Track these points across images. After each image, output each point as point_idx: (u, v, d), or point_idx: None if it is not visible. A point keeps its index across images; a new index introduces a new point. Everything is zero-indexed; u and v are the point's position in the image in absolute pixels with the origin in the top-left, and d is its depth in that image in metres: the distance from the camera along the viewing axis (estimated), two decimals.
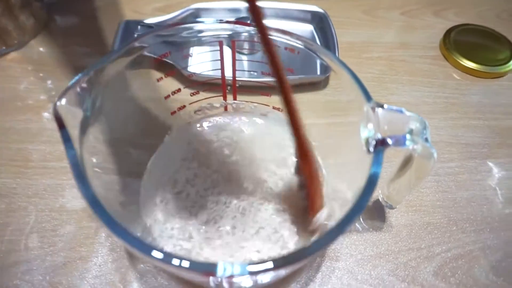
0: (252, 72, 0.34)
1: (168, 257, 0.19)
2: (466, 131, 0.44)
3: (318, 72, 0.41)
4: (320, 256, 0.33)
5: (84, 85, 0.24)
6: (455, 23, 0.56)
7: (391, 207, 0.34)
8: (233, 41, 0.31)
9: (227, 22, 0.29)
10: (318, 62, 0.43)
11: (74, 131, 0.23)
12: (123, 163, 0.32)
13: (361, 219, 0.36)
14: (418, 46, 0.54)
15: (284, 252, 0.29)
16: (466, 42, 0.52)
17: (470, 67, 0.49)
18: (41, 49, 0.48)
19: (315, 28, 0.52)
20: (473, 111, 0.46)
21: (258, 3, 0.22)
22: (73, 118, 0.23)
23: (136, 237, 0.20)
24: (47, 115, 0.42)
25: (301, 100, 0.38)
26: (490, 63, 0.50)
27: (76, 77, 0.24)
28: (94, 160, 0.27)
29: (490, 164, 0.41)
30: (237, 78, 0.34)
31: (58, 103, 0.22)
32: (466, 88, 0.49)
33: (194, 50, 0.31)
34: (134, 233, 0.20)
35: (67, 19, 0.53)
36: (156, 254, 0.19)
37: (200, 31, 0.30)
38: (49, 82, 0.45)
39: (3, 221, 0.34)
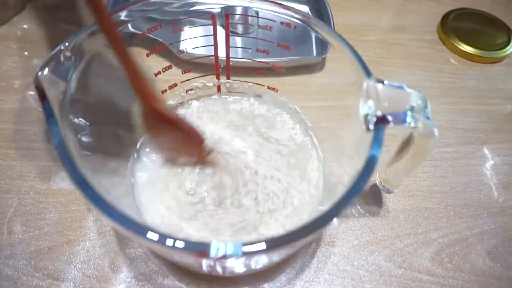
0: (246, 50, 0.32)
1: (162, 237, 0.18)
2: (463, 116, 0.43)
3: (315, 54, 0.40)
4: (315, 241, 0.32)
5: (68, 53, 0.22)
6: (452, 7, 0.55)
7: (389, 191, 0.33)
8: (227, 15, 0.29)
9: None
10: (314, 43, 0.42)
11: (56, 105, 0.22)
12: (111, 144, 0.30)
13: (357, 205, 0.35)
14: (415, 30, 0.53)
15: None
16: (464, 27, 0.51)
17: (468, 51, 0.49)
18: (25, 25, 0.46)
19: (310, 9, 0.50)
20: (470, 96, 0.46)
21: None
22: (56, 90, 0.22)
23: (128, 217, 0.19)
24: (31, 93, 0.40)
25: (297, 82, 0.37)
26: (487, 48, 0.49)
27: (60, 45, 0.22)
28: (80, 140, 0.25)
29: (487, 149, 0.41)
30: (230, 57, 0.32)
31: (39, 73, 0.21)
32: (463, 73, 0.48)
33: (185, 26, 0.30)
34: (125, 213, 0.19)
35: None
36: (151, 235, 0.18)
37: (192, 4, 0.29)
38: (34, 60, 0.43)
39: None
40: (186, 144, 0.30)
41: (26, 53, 0.44)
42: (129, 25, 0.28)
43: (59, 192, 0.34)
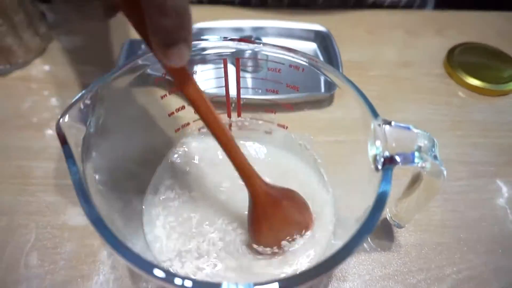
0: (256, 89, 0.33)
1: (169, 276, 0.19)
2: (473, 150, 0.44)
3: (323, 90, 0.41)
4: (326, 276, 0.32)
5: (87, 101, 0.23)
6: (457, 41, 0.56)
7: (399, 226, 0.33)
8: (237, 58, 0.31)
9: (231, 39, 0.29)
10: (323, 79, 0.43)
11: (77, 148, 0.23)
12: (126, 180, 0.31)
13: (368, 239, 0.35)
14: (421, 64, 0.54)
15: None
16: (470, 60, 0.52)
17: (475, 85, 0.49)
18: (45, 67, 0.49)
19: (318, 47, 0.52)
20: (479, 129, 0.46)
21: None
22: (76, 134, 0.23)
23: (139, 256, 0.19)
24: (50, 132, 0.41)
25: (306, 118, 0.38)
26: (494, 81, 0.49)
27: (80, 94, 0.23)
28: (97, 177, 0.26)
29: (499, 182, 0.40)
30: (241, 96, 0.34)
31: (61, 120, 0.22)
32: (471, 106, 0.49)
33: (198, 68, 0.31)
34: (136, 252, 0.19)
35: (72, 38, 0.54)
36: (157, 272, 0.19)
37: (204, 49, 0.30)
38: (53, 100, 0.45)
39: (3, 238, 0.33)
40: (298, 215, 0.30)
41: (45, 93, 0.46)
42: (148, 69, 0.29)
43: (74, 227, 0.34)
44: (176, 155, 0.35)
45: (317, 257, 0.29)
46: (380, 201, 0.22)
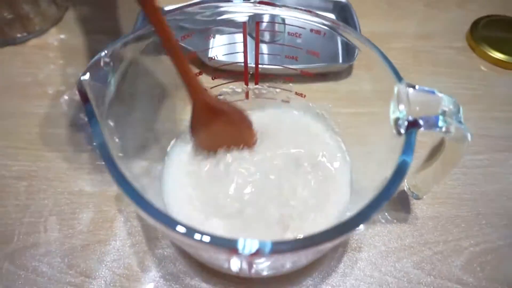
0: (275, 56, 0.33)
1: (191, 232, 0.18)
2: (493, 124, 0.43)
3: (340, 61, 0.40)
4: (342, 246, 0.32)
5: (107, 59, 0.23)
6: (480, 14, 0.54)
7: (417, 198, 0.32)
8: (257, 23, 0.30)
9: (252, 2, 0.28)
10: (341, 50, 0.42)
11: (97, 108, 0.23)
12: (143, 147, 0.31)
13: (385, 211, 0.35)
14: (442, 38, 0.52)
15: None
16: (494, 33, 0.51)
17: (498, 58, 0.48)
18: (62, 36, 0.48)
19: (337, 18, 0.51)
20: (500, 103, 0.45)
21: None
22: (96, 93, 0.23)
23: (160, 210, 0.19)
24: (65, 98, 0.41)
25: (324, 89, 0.37)
26: None
27: (100, 52, 0.23)
28: (116, 141, 0.26)
29: None
30: (260, 63, 0.33)
31: (82, 77, 0.22)
32: (493, 80, 0.47)
33: (214, 33, 0.31)
34: (159, 209, 0.20)
35: (88, 7, 0.53)
36: (179, 228, 0.19)
37: (222, 13, 0.29)
38: (69, 69, 0.45)
39: (23, 203, 0.34)
40: (236, 130, 0.31)
41: (61, 61, 0.46)
42: None
43: (91, 194, 0.35)
44: None
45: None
46: (402, 167, 0.21)
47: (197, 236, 0.18)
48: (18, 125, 0.39)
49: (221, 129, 0.31)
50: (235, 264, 0.25)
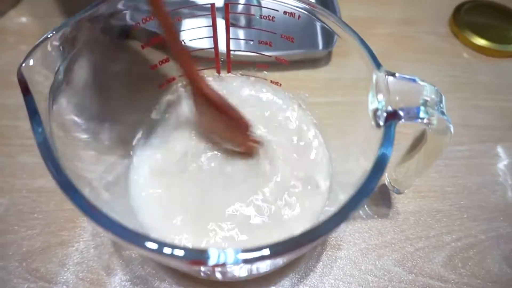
0: (248, 42, 0.30)
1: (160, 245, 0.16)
2: (476, 113, 0.41)
3: (320, 47, 0.38)
4: (320, 244, 0.31)
5: (55, 42, 0.20)
6: None
7: (399, 192, 0.31)
8: (226, 4, 0.27)
9: None
10: (320, 35, 0.40)
11: (43, 100, 0.20)
12: (106, 141, 0.29)
13: (365, 206, 0.33)
14: (425, 23, 0.50)
15: None
16: (477, 20, 0.49)
17: (481, 45, 0.46)
18: (22, 19, 0.45)
19: (316, 1, 0.48)
20: (483, 92, 0.44)
21: None
22: (43, 83, 0.20)
23: (116, 222, 0.17)
24: None
25: (301, 77, 0.35)
26: (502, 42, 0.47)
27: (47, 33, 0.20)
28: (72, 137, 0.24)
29: (502, 148, 0.39)
30: (231, 49, 0.31)
31: (23, 65, 0.19)
32: (476, 67, 0.46)
33: (183, 15, 0.28)
34: (113, 218, 0.17)
35: None
36: (149, 245, 0.17)
37: None
38: None
39: None
40: (231, 129, 0.29)
41: (23, 47, 0.42)
42: (126, 16, 0.26)
43: (53, 191, 0.32)
44: (160, 113, 0.33)
45: (310, 224, 0.27)
46: (381, 160, 0.20)
47: (153, 247, 0.16)
48: None
49: (218, 122, 0.29)
50: (206, 272, 0.23)
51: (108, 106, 0.28)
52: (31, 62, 0.20)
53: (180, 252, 0.16)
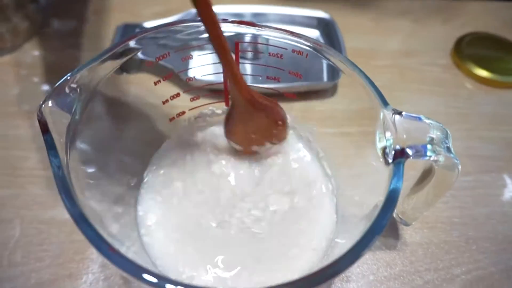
0: (256, 77, 0.31)
1: (161, 281, 0.17)
2: (480, 143, 0.42)
3: (325, 79, 0.39)
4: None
5: (73, 85, 0.21)
6: (465, 31, 0.54)
7: (406, 224, 0.31)
8: (236, 42, 0.29)
9: (231, 21, 0.27)
10: (325, 68, 0.41)
11: (60, 138, 0.21)
12: (117, 173, 0.29)
13: None
14: (428, 55, 0.52)
15: None
16: (479, 51, 0.50)
17: (484, 76, 0.47)
18: (35, 52, 0.46)
19: (321, 34, 0.50)
20: (487, 122, 0.44)
21: None
22: (61, 122, 0.21)
23: (125, 257, 0.17)
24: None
25: (308, 108, 0.36)
26: (503, 73, 0.48)
27: (65, 77, 0.21)
28: (85, 170, 0.24)
29: (508, 178, 0.39)
30: None
31: (43, 105, 0.20)
32: (479, 98, 0.47)
33: (194, 53, 0.29)
34: (123, 253, 0.18)
35: (63, 22, 0.51)
36: (147, 277, 0.17)
37: (201, 32, 0.28)
38: (43, 87, 0.43)
39: None
40: (271, 123, 0.31)
41: (35, 79, 0.43)
42: (139, 53, 0.27)
43: (63, 222, 0.32)
44: (170, 146, 0.33)
45: (317, 257, 0.27)
46: (392, 198, 0.20)
47: (169, 287, 0.16)
48: None
49: (259, 124, 0.31)
50: None
51: (120, 140, 0.29)
52: (50, 103, 0.21)
53: None
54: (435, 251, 0.33)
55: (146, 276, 0.17)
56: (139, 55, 0.27)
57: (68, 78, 0.22)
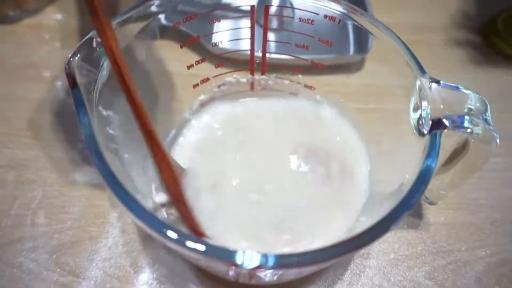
0: (284, 44, 0.30)
1: (183, 238, 0.16)
2: None
3: (351, 52, 0.38)
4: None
5: (99, 39, 0.21)
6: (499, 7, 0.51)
7: (432, 203, 0.30)
8: (266, 6, 0.27)
9: None
10: (352, 41, 0.39)
11: (87, 94, 0.20)
12: (139, 139, 0.29)
13: None
14: (462, 31, 0.49)
15: None
16: None
17: None
18: (58, 16, 0.46)
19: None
20: None
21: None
22: (87, 78, 0.21)
23: (152, 214, 0.17)
24: (60, 84, 0.39)
25: (335, 82, 0.35)
26: None
27: (93, 31, 0.21)
28: (109, 132, 0.24)
29: None
30: (267, 52, 0.30)
31: (71, 59, 0.20)
32: None
33: (220, 17, 0.28)
34: (149, 211, 0.17)
35: None
36: (170, 233, 0.17)
37: None
38: (65, 51, 0.42)
39: (10, 194, 0.32)
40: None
41: (57, 43, 0.43)
42: (161, 17, 0.26)
43: (84, 186, 0.33)
44: (193, 114, 0.33)
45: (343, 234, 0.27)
46: (426, 173, 0.19)
47: (190, 244, 0.16)
48: (8, 109, 0.37)
49: None
50: (234, 273, 0.23)
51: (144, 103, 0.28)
52: (77, 57, 0.20)
53: (213, 252, 0.16)
54: (459, 232, 0.32)
55: (169, 233, 0.16)
56: (161, 19, 0.26)
57: (94, 33, 0.21)
